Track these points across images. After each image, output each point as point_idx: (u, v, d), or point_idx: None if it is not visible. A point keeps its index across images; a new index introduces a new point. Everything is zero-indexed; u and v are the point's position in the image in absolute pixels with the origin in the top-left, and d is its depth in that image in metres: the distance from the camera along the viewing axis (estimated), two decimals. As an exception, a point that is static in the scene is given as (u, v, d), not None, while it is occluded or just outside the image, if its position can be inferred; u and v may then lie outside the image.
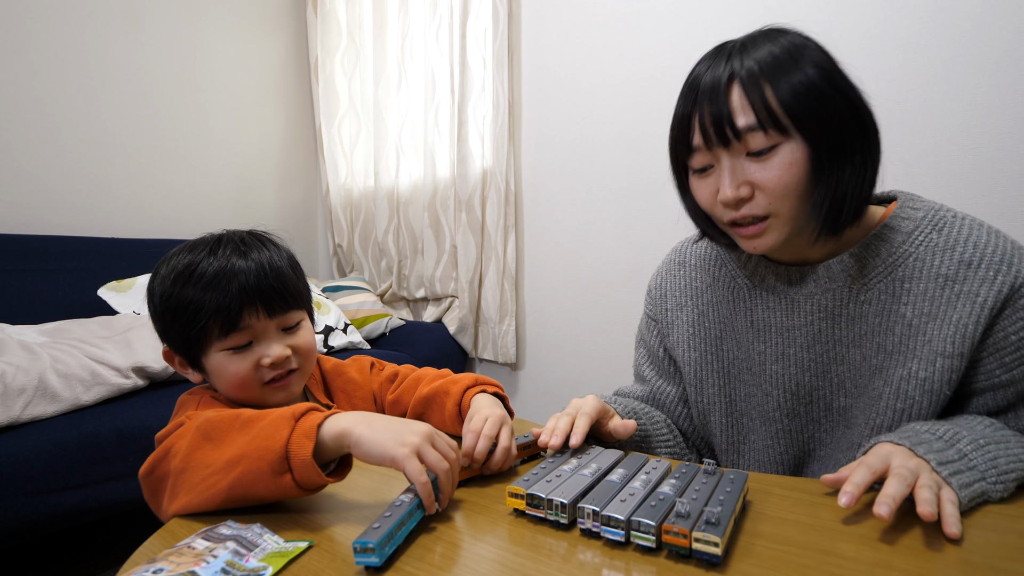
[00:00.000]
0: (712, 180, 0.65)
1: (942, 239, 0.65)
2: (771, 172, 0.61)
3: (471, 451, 0.63)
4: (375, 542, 0.45)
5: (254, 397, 0.70)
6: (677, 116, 0.67)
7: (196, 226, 2.66)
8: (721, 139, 0.62)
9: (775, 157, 0.61)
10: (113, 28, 2.15)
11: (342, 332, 1.95)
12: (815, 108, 0.60)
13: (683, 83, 0.67)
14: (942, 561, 0.44)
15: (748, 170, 0.62)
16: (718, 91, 0.61)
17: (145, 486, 0.62)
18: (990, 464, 0.54)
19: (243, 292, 0.67)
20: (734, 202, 0.63)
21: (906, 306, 0.65)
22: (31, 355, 1.27)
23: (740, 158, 0.63)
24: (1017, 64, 1.21)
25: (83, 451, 1.18)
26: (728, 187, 0.63)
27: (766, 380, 0.76)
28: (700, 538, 0.45)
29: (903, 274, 0.65)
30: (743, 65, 0.61)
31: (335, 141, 2.68)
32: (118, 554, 0.55)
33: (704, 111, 0.62)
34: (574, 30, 1.93)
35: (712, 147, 0.63)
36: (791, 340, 0.73)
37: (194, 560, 0.46)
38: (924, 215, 0.66)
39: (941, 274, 0.64)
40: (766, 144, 0.61)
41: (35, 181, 1.96)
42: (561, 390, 2.07)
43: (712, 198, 0.66)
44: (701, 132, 0.63)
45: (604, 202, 1.91)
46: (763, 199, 0.62)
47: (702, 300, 0.81)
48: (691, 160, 0.67)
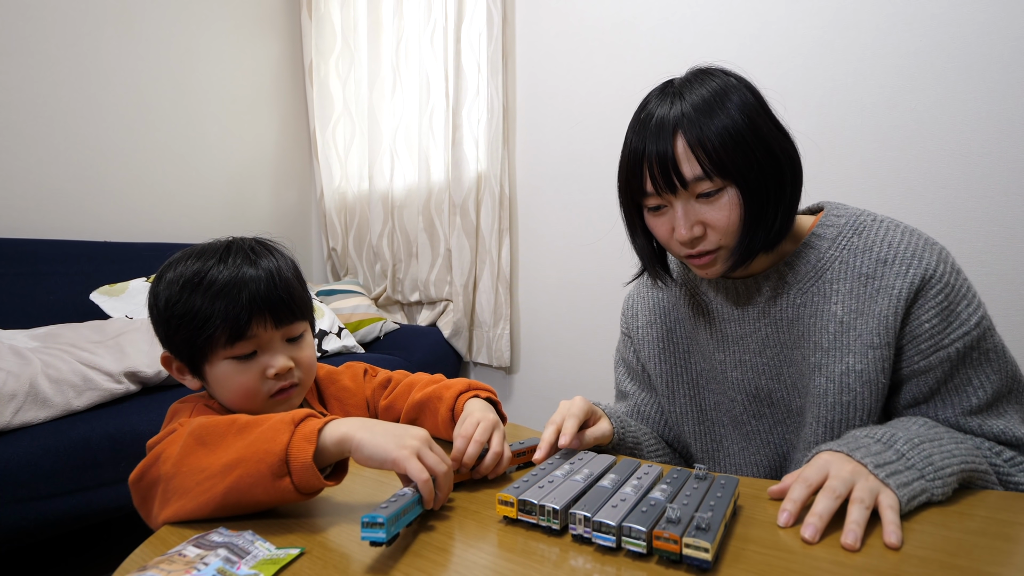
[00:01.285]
0: (667, 219, 0.71)
1: (862, 241, 0.70)
2: (720, 213, 0.67)
3: (460, 456, 0.63)
4: (384, 517, 0.47)
5: (257, 408, 0.70)
6: (626, 158, 0.72)
7: (189, 230, 2.65)
8: (670, 188, 0.67)
9: (722, 198, 0.67)
10: (107, 30, 2.14)
11: (336, 336, 1.94)
12: (740, 156, 0.65)
13: (634, 115, 0.73)
14: (929, 565, 0.45)
15: (699, 211, 0.68)
16: (666, 140, 0.66)
17: (135, 492, 0.62)
18: (926, 462, 0.56)
19: (253, 302, 0.67)
20: (689, 241, 0.69)
21: (836, 305, 0.70)
22: (22, 360, 1.26)
23: (691, 201, 0.68)
24: (1007, 70, 1.22)
25: (74, 457, 1.17)
26: (683, 229, 0.68)
27: (730, 387, 0.81)
28: (690, 544, 0.45)
29: (831, 276, 0.71)
30: (683, 111, 0.66)
31: (329, 145, 2.68)
32: (109, 561, 0.54)
33: (653, 161, 0.67)
34: (568, 35, 1.94)
35: (662, 193, 0.69)
36: (746, 347, 0.78)
37: (185, 568, 0.46)
38: (846, 221, 0.72)
39: (863, 272, 0.69)
40: (712, 188, 0.67)
41: (27, 184, 1.95)
42: (555, 394, 2.07)
43: (668, 233, 0.72)
44: (652, 181, 0.68)
45: (598, 206, 1.91)
46: (714, 236, 0.69)
47: (669, 318, 0.87)
48: (645, 200, 0.72)
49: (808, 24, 1.45)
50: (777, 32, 1.49)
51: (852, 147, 1.39)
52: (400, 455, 0.54)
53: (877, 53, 1.37)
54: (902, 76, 1.34)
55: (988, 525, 0.51)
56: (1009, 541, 0.49)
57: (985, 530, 0.50)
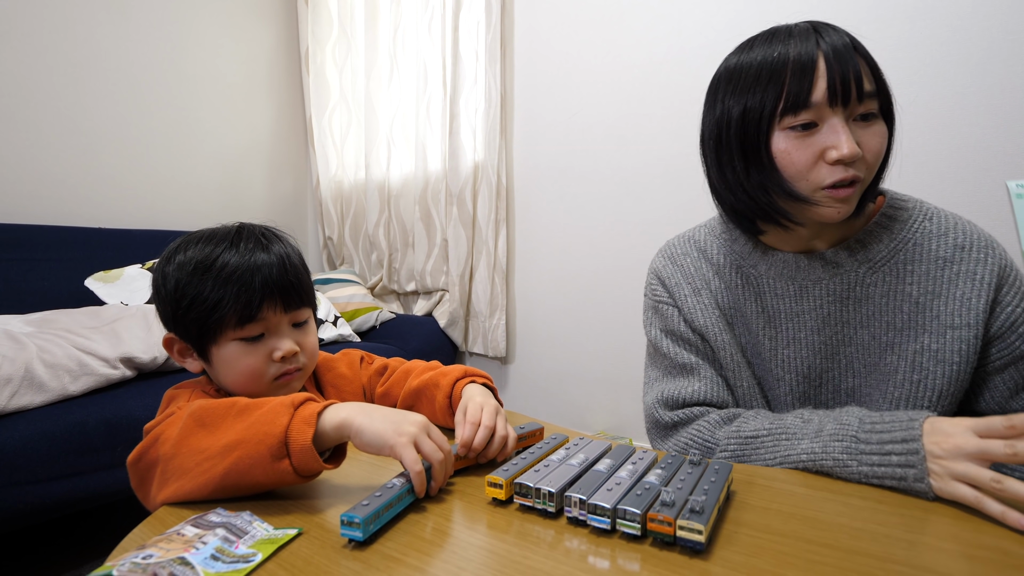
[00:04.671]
0: (816, 139, 0.65)
1: (934, 226, 0.71)
2: (874, 139, 0.66)
3: (470, 441, 0.63)
4: (361, 518, 0.48)
5: (259, 391, 0.70)
6: (773, 66, 0.66)
7: (184, 217, 2.64)
8: (846, 96, 0.63)
9: (876, 125, 0.66)
10: (100, 16, 2.12)
11: (332, 325, 1.95)
12: (887, 92, 0.67)
13: (752, 62, 0.68)
14: (917, 548, 0.46)
15: (857, 133, 0.65)
16: (847, 52, 0.63)
17: (133, 474, 0.62)
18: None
19: (265, 285, 0.68)
20: (851, 158, 0.63)
21: (911, 286, 0.70)
22: (17, 344, 1.26)
23: (850, 121, 0.65)
24: (1005, 64, 1.23)
25: (70, 441, 1.17)
26: (847, 144, 0.63)
27: (777, 365, 0.78)
28: (684, 526, 0.46)
29: (904, 257, 0.71)
30: (850, 39, 0.65)
31: (326, 133, 2.67)
32: (107, 543, 0.55)
33: (833, 69, 0.63)
34: (567, 24, 1.94)
35: (833, 105, 0.63)
36: (802, 324, 0.76)
37: (183, 547, 0.47)
38: (914, 206, 0.73)
39: (940, 256, 0.70)
40: (872, 110, 0.65)
41: (21, 170, 1.94)
42: (550, 384, 2.08)
43: (814, 157, 0.65)
44: (829, 88, 0.63)
45: (595, 196, 1.91)
46: (862, 164, 0.65)
47: (711, 286, 0.81)
48: (797, 117, 0.65)
49: (807, 16, 1.44)
50: (776, 24, 1.48)
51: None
52: (397, 442, 0.55)
53: (876, 47, 1.37)
54: (900, 69, 1.34)
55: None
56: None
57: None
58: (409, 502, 0.55)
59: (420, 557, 0.47)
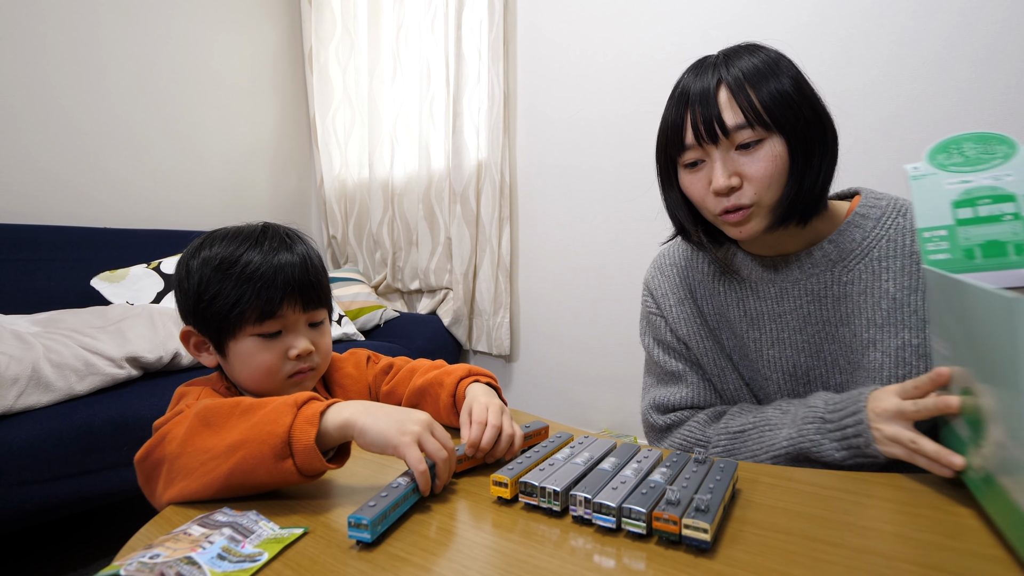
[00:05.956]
0: (703, 173, 0.71)
1: (907, 222, 0.72)
2: (758, 164, 0.68)
3: (478, 441, 0.63)
4: (369, 519, 0.48)
5: (274, 388, 0.71)
6: (667, 120, 0.73)
7: (189, 216, 2.65)
8: (711, 137, 0.68)
9: (761, 150, 0.67)
10: (105, 16, 2.12)
11: (336, 324, 1.95)
12: (790, 112, 0.67)
13: (670, 93, 0.74)
14: (925, 546, 0.46)
15: (737, 162, 0.68)
16: (708, 95, 0.68)
17: (140, 471, 0.62)
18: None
19: (287, 284, 0.69)
20: (726, 190, 0.68)
21: (887, 282, 0.72)
22: (24, 345, 1.26)
23: (730, 152, 0.69)
24: (1009, 59, 1.22)
25: (77, 440, 1.18)
26: (720, 176, 0.68)
27: (764, 365, 0.81)
28: (690, 524, 0.46)
29: (879, 254, 0.72)
30: (729, 73, 0.68)
31: (329, 132, 2.67)
32: (114, 542, 0.55)
33: (696, 113, 0.68)
34: (570, 22, 1.93)
35: (703, 144, 0.69)
36: (784, 325, 0.78)
37: (190, 546, 0.47)
38: (888, 203, 0.75)
39: (915, 251, 0.71)
40: (753, 138, 0.67)
41: (27, 170, 1.95)
42: (555, 382, 2.08)
43: (704, 190, 0.71)
44: (693, 131, 0.69)
45: (598, 194, 1.91)
46: (750, 189, 0.68)
47: (697, 294, 0.85)
48: (682, 157, 0.72)
49: (810, 11, 1.44)
50: (780, 20, 1.48)
51: (853, 135, 1.39)
52: (401, 442, 0.55)
53: (880, 40, 1.36)
54: (904, 64, 1.34)
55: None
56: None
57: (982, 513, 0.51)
58: (414, 501, 0.55)
59: (426, 556, 0.47)
